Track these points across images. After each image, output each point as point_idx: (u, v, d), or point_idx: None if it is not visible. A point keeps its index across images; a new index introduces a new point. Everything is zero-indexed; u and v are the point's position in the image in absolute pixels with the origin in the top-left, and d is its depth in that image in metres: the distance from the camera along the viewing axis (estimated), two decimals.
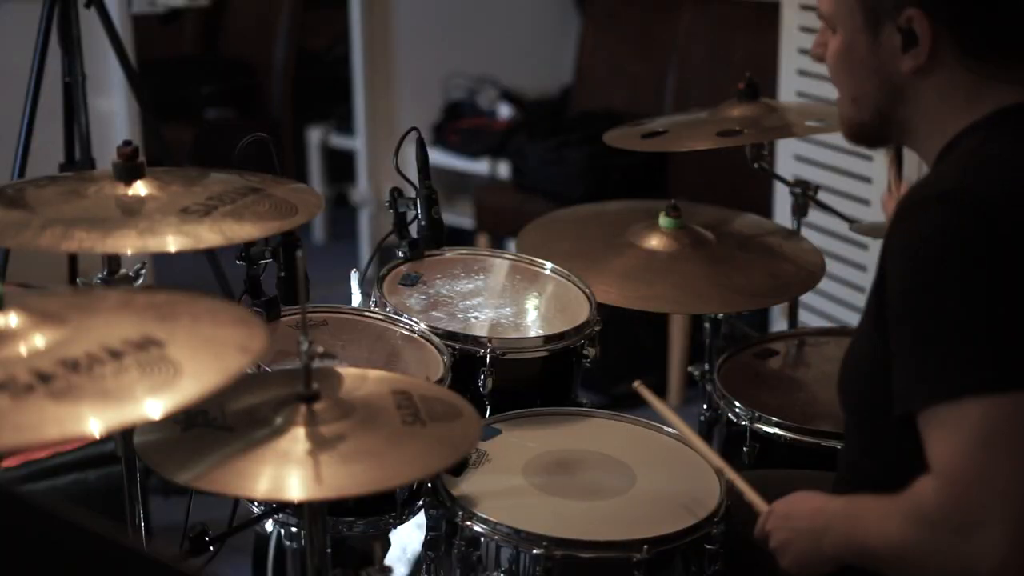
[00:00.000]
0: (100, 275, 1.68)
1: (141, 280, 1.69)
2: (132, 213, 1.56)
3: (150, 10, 3.71)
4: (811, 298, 3.43)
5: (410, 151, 2.08)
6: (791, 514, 1.53)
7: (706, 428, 2.22)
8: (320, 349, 1.42)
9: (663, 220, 2.25)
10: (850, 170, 3.29)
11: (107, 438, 2.01)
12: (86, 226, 1.50)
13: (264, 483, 1.32)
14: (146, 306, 1.38)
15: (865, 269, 3.32)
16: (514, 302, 2.04)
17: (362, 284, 2.13)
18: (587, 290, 2.06)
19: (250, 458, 1.35)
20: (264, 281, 1.84)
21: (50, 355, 1.21)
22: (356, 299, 2.11)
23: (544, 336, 1.92)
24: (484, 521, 1.63)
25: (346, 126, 5.13)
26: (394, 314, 1.93)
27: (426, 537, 1.73)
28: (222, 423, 1.41)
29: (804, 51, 3.44)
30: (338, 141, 5.30)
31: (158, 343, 1.25)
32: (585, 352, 1.95)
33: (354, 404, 1.44)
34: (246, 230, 1.55)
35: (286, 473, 1.33)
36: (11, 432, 1.11)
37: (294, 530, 1.89)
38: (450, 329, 1.90)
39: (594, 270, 2.15)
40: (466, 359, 1.86)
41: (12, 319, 1.25)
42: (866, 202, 3.27)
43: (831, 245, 3.28)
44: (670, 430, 1.86)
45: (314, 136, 5.38)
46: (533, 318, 2.00)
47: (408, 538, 2.10)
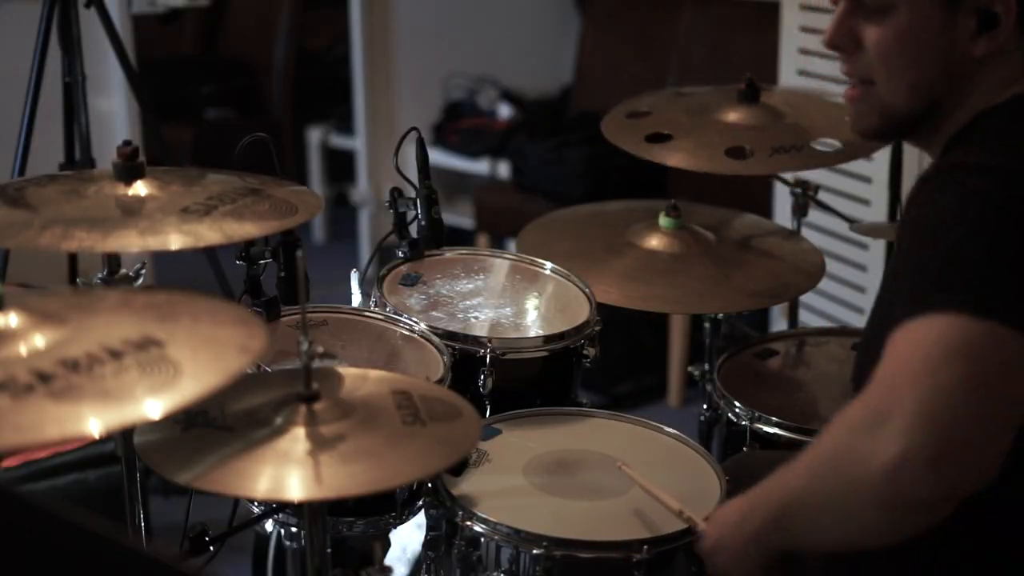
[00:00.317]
0: (100, 275, 1.68)
1: (141, 280, 1.69)
2: (132, 213, 1.56)
3: (150, 10, 3.71)
4: (811, 298, 3.43)
5: (410, 151, 2.08)
6: (718, 516, 1.50)
7: (706, 428, 2.22)
8: (320, 349, 1.42)
9: (663, 220, 2.25)
10: (850, 170, 3.28)
11: (107, 438, 2.01)
12: (86, 226, 1.50)
13: (264, 483, 1.32)
14: (146, 306, 1.38)
15: (865, 269, 3.32)
16: (514, 302, 2.04)
17: (362, 284, 2.13)
18: (587, 290, 2.06)
19: (250, 458, 1.34)
20: (264, 281, 1.84)
21: (50, 355, 1.21)
22: (356, 299, 2.11)
23: (544, 336, 1.92)
24: (484, 521, 1.63)
25: (346, 126, 5.13)
26: (394, 314, 1.93)
27: (426, 537, 1.73)
28: (222, 423, 1.41)
29: (804, 51, 3.44)
30: (338, 141, 5.30)
31: (158, 343, 1.25)
32: (585, 352, 1.95)
33: (354, 404, 1.44)
34: (246, 229, 1.55)
35: (286, 473, 1.33)
36: (11, 432, 1.11)
37: (294, 530, 1.89)
38: (450, 329, 1.90)
39: (594, 270, 2.15)
40: (466, 359, 1.86)
41: (12, 319, 1.25)
42: (866, 202, 3.27)
43: (831, 245, 3.28)
44: (670, 430, 1.86)
45: (314, 136, 5.38)
46: (533, 318, 2.00)
47: (408, 538, 2.10)
